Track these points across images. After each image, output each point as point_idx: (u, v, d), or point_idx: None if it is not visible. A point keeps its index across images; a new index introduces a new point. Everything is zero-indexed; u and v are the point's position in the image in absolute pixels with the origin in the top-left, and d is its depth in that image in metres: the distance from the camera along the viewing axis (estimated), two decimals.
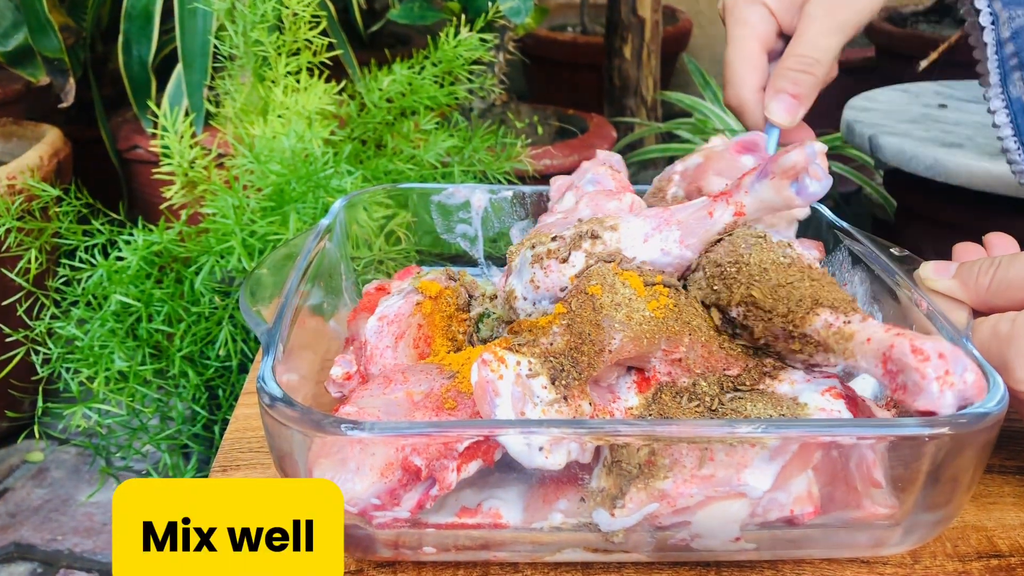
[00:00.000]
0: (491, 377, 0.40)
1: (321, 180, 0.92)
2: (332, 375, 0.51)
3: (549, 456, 0.38)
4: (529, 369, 0.41)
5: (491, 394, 0.39)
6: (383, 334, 0.51)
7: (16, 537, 1.25)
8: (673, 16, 2.53)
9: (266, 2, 1.00)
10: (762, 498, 0.40)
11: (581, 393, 0.41)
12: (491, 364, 0.40)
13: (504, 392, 0.39)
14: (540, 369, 0.41)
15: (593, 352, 0.42)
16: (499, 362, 0.40)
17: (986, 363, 0.42)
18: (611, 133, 1.68)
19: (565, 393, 0.41)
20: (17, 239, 0.96)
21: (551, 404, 0.40)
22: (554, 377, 0.41)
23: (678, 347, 0.43)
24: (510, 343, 0.43)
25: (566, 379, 0.41)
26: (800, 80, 0.59)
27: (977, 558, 0.45)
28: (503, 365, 0.40)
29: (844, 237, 0.57)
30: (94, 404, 0.90)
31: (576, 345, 0.42)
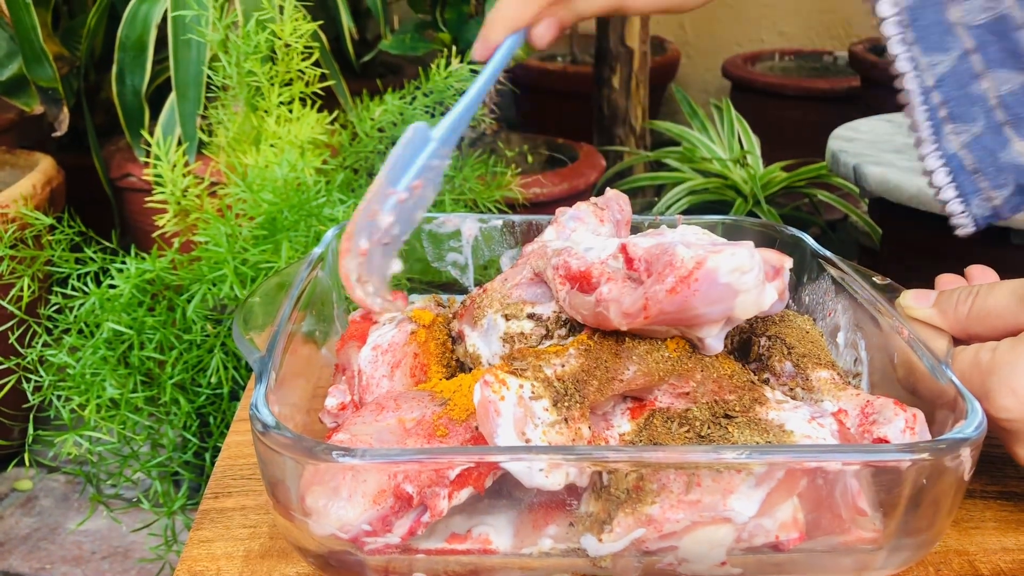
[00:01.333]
0: (493, 397, 0.41)
1: (313, 209, 0.93)
2: (327, 406, 0.52)
3: (549, 476, 0.39)
4: (532, 391, 0.42)
5: (493, 414, 0.40)
6: (378, 363, 0.51)
7: (5, 566, 1.24)
8: (661, 46, 2.56)
9: (259, 33, 1.02)
10: (748, 523, 0.40)
11: (582, 417, 0.42)
12: (492, 385, 0.41)
13: (506, 412, 0.40)
14: (543, 392, 0.42)
15: (605, 378, 0.43)
16: (500, 384, 0.41)
17: (965, 390, 0.43)
18: (600, 162, 1.70)
19: (566, 415, 0.42)
20: (10, 267, 0.97)
21: (552, 425, 0.41)
22: (556, 400, 0.42)
23: (688, 382, 0.45)
24: (510, 367, 0.44)
25: (568, 402, 0.42)
26: (563, 18, 0.65)
27: None
28: (504, 387, 0.41)
29: (827, 265, 0.58)
30: (85, 432, 0.90)
31: (589, 369, 0.44)
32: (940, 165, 0.63)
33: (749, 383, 0.46)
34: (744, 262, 0.42)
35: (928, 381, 0.46)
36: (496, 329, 0.50)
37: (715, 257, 0.42)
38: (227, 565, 0.47)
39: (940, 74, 0.61)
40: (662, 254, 0.44)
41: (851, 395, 0.47)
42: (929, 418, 0.44)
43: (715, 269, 0.42)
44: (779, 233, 0.63)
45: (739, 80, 2.46)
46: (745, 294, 0.43)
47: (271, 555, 0.48)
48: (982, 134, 0.61)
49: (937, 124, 0.62)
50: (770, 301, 0.44)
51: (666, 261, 0.43)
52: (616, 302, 0.44)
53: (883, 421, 0.44)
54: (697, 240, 0.46)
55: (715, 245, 0.43)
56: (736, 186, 1.78)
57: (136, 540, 1.27)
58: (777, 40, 2.78)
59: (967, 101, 0.61)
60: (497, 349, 0.50)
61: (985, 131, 0.61)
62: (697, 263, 0.42)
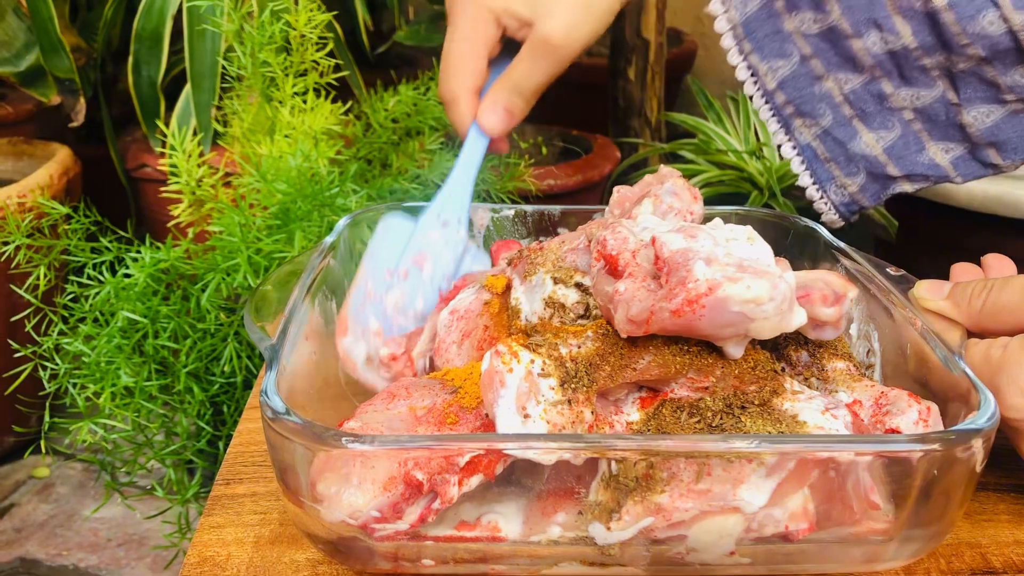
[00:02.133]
0: (501, 368, 0.41)
1: (327, 199, 0.93)
2: (380, 355, 0.52)
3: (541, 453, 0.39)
4: (542, 368, 0.42)
5: (497, 384, 0.40)
6: (452, 328, 0.52)
7: (22, 552, 1.25)
8: (678, 38, 2.55)
9: (274, 24, 1.02)
10: (758, 513, 0.40)
11: (586, 400, 0.42)
12: (503, 356, 0.41)
13: (510, 384, 0.40)
14: (553, 371, 0.42)
15: (618, 365, 0.43)
16: (512, 356, 0.41)
17: (978, 381, 0.43)
18: (615, 153, 1.69)
19: (571, 397, 0.41)
20: (27, 256, 0.97)
21: (554, 405, 0.41)
22: (564, 381, 0.42)
23: (707, 378, 0.44)
24: (527, 340, 0.44)
25: (575, 384, 0.42)
26: (513, 102, 0.66)
27: (971, 574, 0.46)
28: (515, 359, 0.41)
29: (841, 256, 0.58)
30: (100, 419, 0.91)
31: (604, 354, 0.43)
32: (795, 154, 0.68)
33: (771, 372, 0.45)
34: (761, 294, 0.40)
35: (941, 372, 0.46)
36: (542, 289, 0.49)
37: (730, 286, 0.40)
38: (237, 551, 0.47)
39: (782, 77, 0.66)
40: (683, 264, 0.42)
41: (866, 386, 0.47)
42: (942, 410, 0.44)
43: (726, 299, 0.40)
44: (793, 224, 0.63)
45: None
46: (761, 321, 0.41)
47: (281, 541, 0.48)
48: (831, 127, 0.66)
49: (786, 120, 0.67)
50: (796, 325, 0.42)
51: (681, 277, 0.41)
52: (625, 305, 0.43)
53: (896, 412, 0.44)
54: (731, 254, 0.43)
55: (742, 267, 0.41)
56: (752, 178, 1.77)
57: (151, 527, 1.28)
58: None
59: (812, 99, 0.66)
60: (538, 309, 0.49)
61: (834, 124, 0.66)
62: (709, 288, 0.40)
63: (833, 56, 0.64)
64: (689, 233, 0.44)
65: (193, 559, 0.47)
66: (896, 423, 0.44)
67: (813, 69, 0.65)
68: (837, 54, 0.64)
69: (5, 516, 1.33)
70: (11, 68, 1.45)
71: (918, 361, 0.48)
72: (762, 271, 0.41)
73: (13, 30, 1.46)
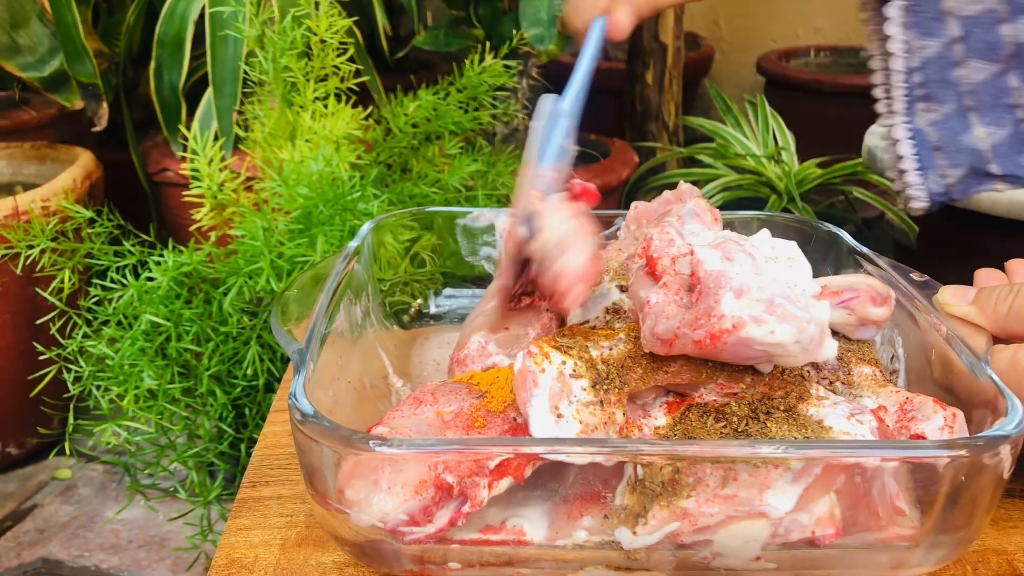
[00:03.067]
0: (533, 368, 0.41)
1: (348, 203, 0.94)
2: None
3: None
4: (573, 370, 0.42)
5: (531, 384, 0.41)
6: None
7: (44, 553, 1.26)
8: (695, 42, 2.55)
9: (295, 29, 1.03)
10: (784, 519, 0.40)
11: (618, 401, 0.42)
12: (535, 356, 0.42)
13: (543, 384, 0.41)
14: (584, 372, 0.42)
15: (650, 368, 0.43)
16: (544, 357, 0.42)
17: (1005, 388, 0.42)
18: (633, 158, 1.69)
19: (602, 398, 0.42)
20: (51, 259, 0.99)
21: (586, 405, 0.41)
22: (595, 382, 0.42)
23: (737, 384, 0.44)
24: (558, 342, 0.44)
25: (607, 385, 0.42)
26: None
27: None
28: (547, 360, 0.42)
29: (865, 262, 0.58)
30: (123, 422, 0.92)
31: (636, 356, 0.44)
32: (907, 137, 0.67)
33: (799, 377, 0.45)
34: (785, 339, 0.40)
35: (967, 379, 0.45)
36: (607, 297, 0.50)
37: (754, 328, 0.40)
38: (264, 553, 0.48)
39: (926, 57, 0.65)
40: (713, 291, 0.41)
41: (891, 392, 0.47)
42: (968, 416, 0.44)
43: (749, 339, 0.40)
44: (815, 229, 0.63)
45: (774, 76, 2.44)
46: (786, 358, 0.41)
47: (308, 543, 0.49)
48: (949, 116, 0.66)
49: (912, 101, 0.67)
50: (825, 357, 0.42)
51: (709, 306, 0.41)
52: (653, 319, 0.43)
53: (921, 418, 0.44)
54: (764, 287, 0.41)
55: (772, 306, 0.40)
56: (771, 183, 1.76)
57: (172, 529, 1.28)
58: (812, 36, 2.75)
59: (943, 84, 0.66)
60: (599, 315, 0.50)
61: (952, 114, 0.66)
62: (734, 326, 0.40)
63: (977, 41, 0.64)
64: (727, 254, 0.43)
65: (221, 561, 0.47)
66: (921, 429, 0.43)
67: (953, 54, 0.65)
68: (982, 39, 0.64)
69: (28, 517, 1.34)
70: (35, 73, 1.47)
71: (943, 367, 0.48)
72: (790, 315, 0.40)
73: (37, 36, 1.48)
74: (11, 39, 1.46)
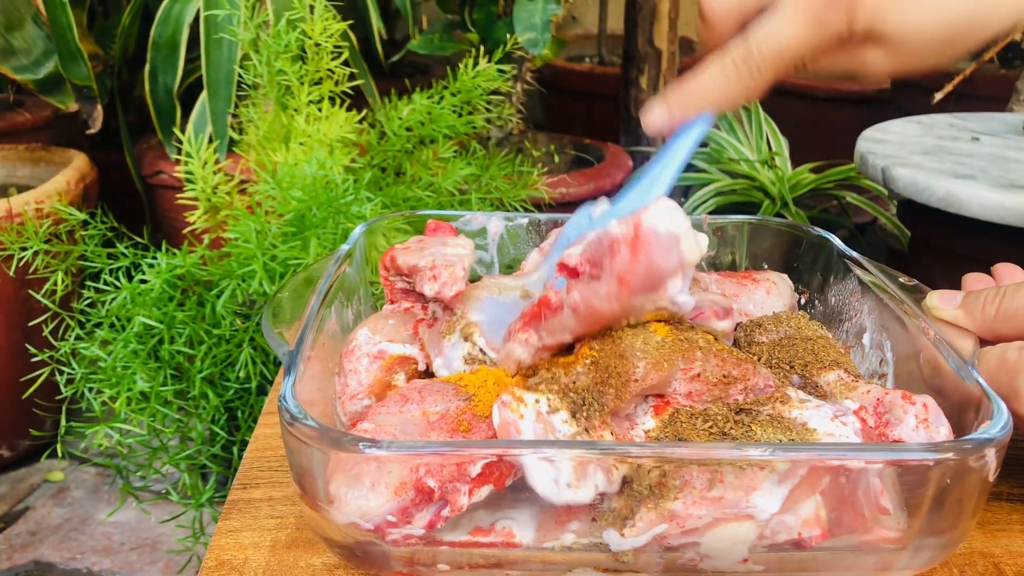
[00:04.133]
0: (512, 418, 0.41)
1: (341, 206, 0.94)
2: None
3: (578, 490, 0.39)
4: (548, 406, 0.42)
5: (514, 434, 0.41)
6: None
7: (36, 555, 1.26)
8: (690, 47, 2.56)
9: (290, 33, 1.03)
10: (770, 520, 0.40)
11: (602, 424, 0.43)
12: (511, 405, 0.42)
13: (526, 431, 0.41)
14: (559, 404, 0.42)
15: (620, 384, 0.44)
16: (518, 402, 0.42)
17: (990, 390, 0.43)
18: (627, 162, 1.70)
19: (586, 425, 0.42)
20: (44, 261, 0.99)
21: (572, 439, 0.41)
22: (574, 411, 0.42)
23: (693, 362, 0.45)
24: (526, 383, 0.44)
25: (587, 411, 0.42)
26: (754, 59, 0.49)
27: None
28: (522, 404, 0.42)
29: (854, 266, 0.58)
30: (116, 424, 0.92)
31: (603, 379, 0.44)
32: None
33: (752, 359, 0.47)
34: (667, 208, 0.44)
35: (954, 382, 0.46)
36: (460, 348, 0.51)
37: (644, 215, 0.43)
38: (254, 554, 0.48)
39: None
40: (599, 241, 0.45)
41: (863, 392, 0.47)
42: (955, 419, 0.44)
43: (652, 224, 0.43)
44: (806, 234, 0.63)
45: None
46: (684, 237, 0.44)
47: (298, 545, 0.49)
48: None
49: None
50: (705, 243, 0.45)
51: (608, 243, 0.44)
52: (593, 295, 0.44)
53: (895, 422, 0.44)
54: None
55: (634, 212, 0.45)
56: (764, 187, 1.77)
57: (164, 532, 1.28)
58: None
59: None
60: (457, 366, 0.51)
61: None
62: (634, 225, 0.43)
63: None
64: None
65: (211, 563, 0.47)
66: (897, 434, 0.44)
67: None
68: None
69: (20, 519, 1.34)
70: (30, 75, 1.47)
71: (931, 371, 0.48)
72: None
73: (32, 38, 1.48)
74: (5, 41, 1.46)
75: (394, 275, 0.58)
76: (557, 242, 0.56)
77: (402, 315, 0.55)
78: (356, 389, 0.51)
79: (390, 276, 0.58)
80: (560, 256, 0.46)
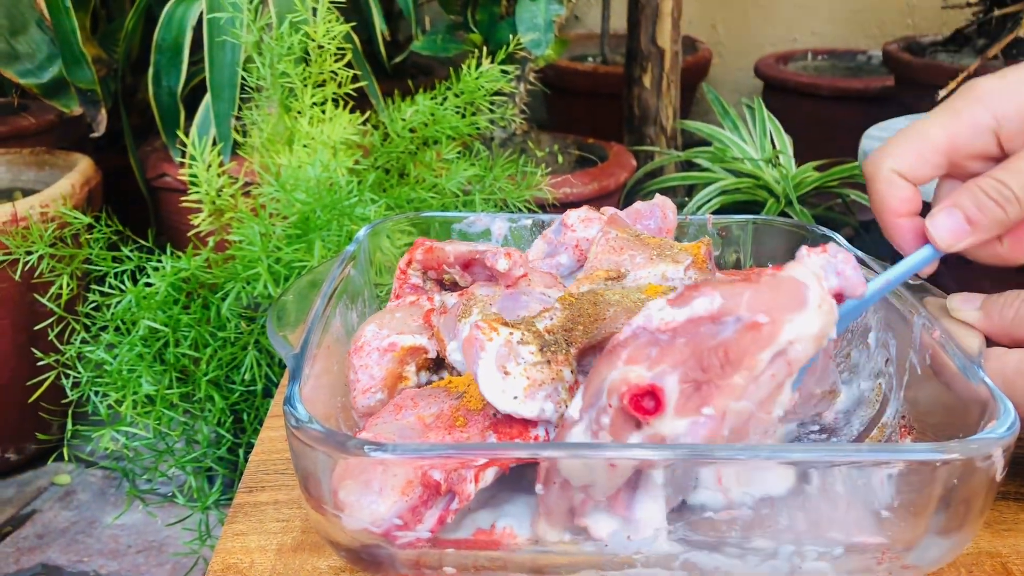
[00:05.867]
0: (480, 336, 0.43)
1: (345, 208, 0.94)
2: None
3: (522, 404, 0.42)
4: (521, 338, 0.44)
5: (477, 348, 0.43)
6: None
7: (43, 558, 1.26)
8: (693, 46, 2.55)
9: (293, 35, 1.03)
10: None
11: (565, 361, 0.44)
12: (483, 329, 0.44)
13: (491, 349, 0.43)
14: (532, 340, 0.44)
15: (588, 321, 0.46)
16: (491, 329, 0.44)
17: (997, 390, 0.43)
18: (631, 162, 1.69)
19: (549, 358, 0.44)
20: (49, 265, 0.99)
21: (533, 365, 0.43)
22: (543, 347, 0.44)
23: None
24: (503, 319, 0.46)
25: (554, 348, 0.44)
26: (985, 207, 0.46)
27: None
28: (495, 332, 0.44)
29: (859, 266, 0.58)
30: (121, 427, 0.92)
31: (574, 318, 0.46)
32: None
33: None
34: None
35: (961, 381, 0.46)
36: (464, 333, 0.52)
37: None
38: (260, 558, 0.48)
39: None
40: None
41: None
42: (962, 418, 0.44)
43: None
44: (810, 233, 0.63)
45: (771, 80, 2.44)
46: None
47: (303, 548, 0.49)
48: None
49: None
50: None
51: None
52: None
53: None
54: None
55: None
56: (768, 186, 1.77)
57: (171, 534, 1.29)
58: (810, 39, 2.75)
59: None
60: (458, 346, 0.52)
61: None
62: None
63: None
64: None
65: (217, 566, 0.48)
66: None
67: None
68: None
69: (27, 522, 1.34)
70: (34, 80, 1.47)
71: (937, 369, 0.48)
72: None
73: (36, 42, 1.48)
74: (10, 46, 1.46)
75: (417, 269, 0.58)
76: None
77: (408, 308, 0.55)
78: (368, 384, 0.51)
79: (410, 270, 0.58)
80: None
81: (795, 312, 0.39)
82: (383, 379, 0.51)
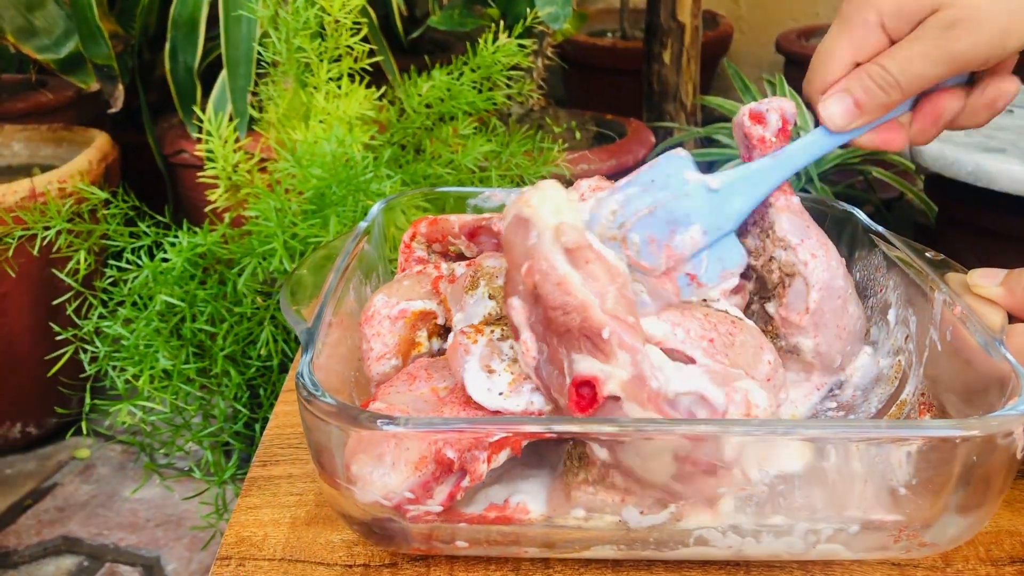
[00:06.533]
0: (465, 341, 0.44)
1: (361, 184, 0.94)
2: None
3: (508, 399, 0.42)
4: (501, 334, 0.45)
5: (462, 353, 0.43)
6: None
7: (64, 531, 1.28)
8: (714, 21, 2.52)
9: (309, 9, 1.02)
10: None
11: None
12: (468, 334, 0.45)
13: (474, 351, 0.44)
14: (511, 335, 0.45)
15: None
16: (475, 332, 0.45)
17: (1019, 367, 0.42)
18: (649, 138, 1.68)
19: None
20: (67, 240, 0.99)
21: (515, 360, 0.44)
22: None
23: None
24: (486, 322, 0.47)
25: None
26: (870, 91, 0.51)
27: (1010, 562, 0.45)
28: (479, 334, 0.45)
29: (879, 241, 0.57)
30: (139, 402, 0.92)
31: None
32: None
33: None
34: None
35: (981, 358, 0.45)
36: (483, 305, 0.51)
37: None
38: (274, 531, 0.48)
39: None
40: None
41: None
42: (982, 395, 0.44)
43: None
44: (831, 208, 0.62)
45: (793, 55, 2.41)
46: None
47: (317, 522, 0.49)
48: None
49: None
50: None
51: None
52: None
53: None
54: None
55: None
56: None
57: (188, 508, 1.30)
58: (832, 13, 2.71)
59: None
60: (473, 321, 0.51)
61: None
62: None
63: None
64: None
65: (231, 539, 0.48)
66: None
67: None
68: None
69: (48, 496, 1.36)
70: (51, 55, 1.47)
71: (958, 346, 0.47)
72: None
73: (53, 18, 1.48)
74: (27, 21, 1.46)
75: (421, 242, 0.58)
76: (628, 184, 0.51)
77: (415, 276, 0.55)
78: (382, 351, 0.51)
79: (415, 243, 0.58)
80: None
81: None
82: (396, 345, 0.51)
